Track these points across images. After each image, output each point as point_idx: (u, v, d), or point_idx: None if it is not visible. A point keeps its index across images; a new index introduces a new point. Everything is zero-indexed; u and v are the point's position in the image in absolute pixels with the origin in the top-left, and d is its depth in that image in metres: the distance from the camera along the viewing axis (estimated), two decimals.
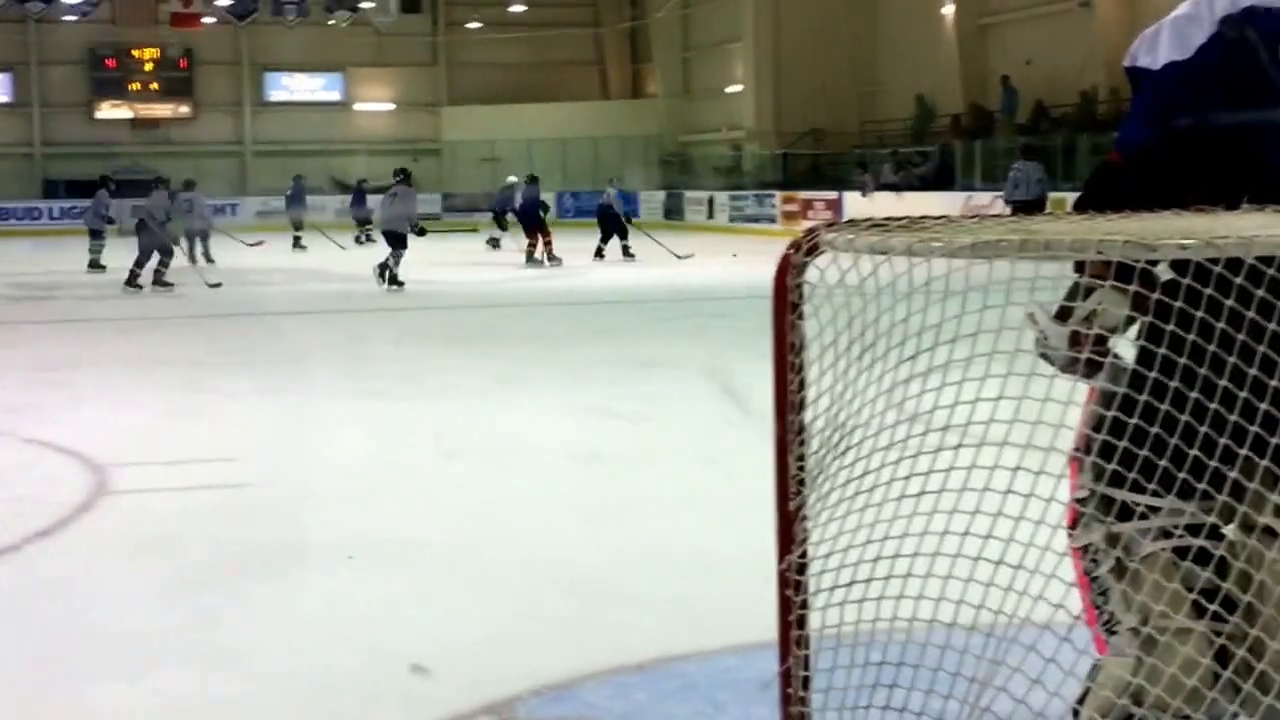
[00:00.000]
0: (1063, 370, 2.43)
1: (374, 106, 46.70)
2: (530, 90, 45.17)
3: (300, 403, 9.78)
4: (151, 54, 44.42)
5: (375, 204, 33.20)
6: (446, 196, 41.99)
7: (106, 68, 44.20)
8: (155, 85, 44.81)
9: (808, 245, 2.48)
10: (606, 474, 7.35)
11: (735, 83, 39.85)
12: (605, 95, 47.55)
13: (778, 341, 2.56)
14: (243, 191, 42.69)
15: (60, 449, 7.89)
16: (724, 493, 6.61)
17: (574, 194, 39.10)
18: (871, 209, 26.55)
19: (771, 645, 2.67)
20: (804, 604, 2.60)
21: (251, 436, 8.48)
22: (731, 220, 35.51)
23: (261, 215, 39.69)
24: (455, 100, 46.69)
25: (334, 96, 46.55)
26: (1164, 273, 2.35)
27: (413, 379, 10.88)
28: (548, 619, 4.84)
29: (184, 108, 45.13)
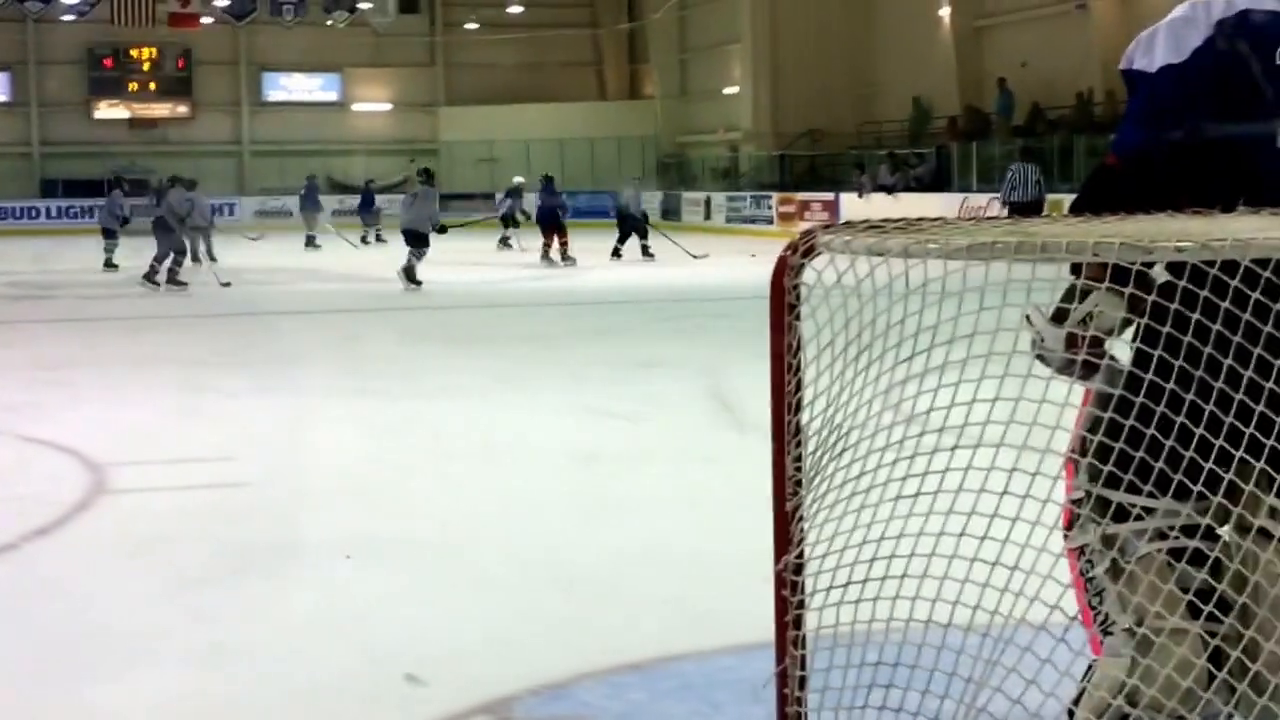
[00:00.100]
0: (1059, 372, 2.44)
1: (372, 107, 46.71)
2: (528, 91, 45.19)
3: (299, 402, 9.77)
4: (150, 54, 44.43)
5: (382, 204, 33.58)
6: (443, 197, 41.91)
7: (104, 67, 44.21)
8: (153, 85, 44.83)
9: (805, 247, 2.49)
10: (605, 474, 7.35)
11: (732, 84, 39.84)
12: (603, 96, 47.55)
13: (775, 343, 2.57)
14: (241, 191, 42.73)
15: (59, 448, 7.89)
16: (723, 493, 6.61)
17: (570, 194, 39.05)
18: (868, 210, 26.57)
19: (769, 645, 2.67)
20: (801, 604, 2.61)
21: (250, 436, 8.47)
22: (728, 221, 35.51)
23: (260, 215, 39.78)
24: (453, 101, 46.70)
25: (332, 97, 46.57)
26: (1160, 275, 2.36)
27: (412, 378, 10.88)
28: (545, 618, 4.84)
29: (182, 107, 45.15)
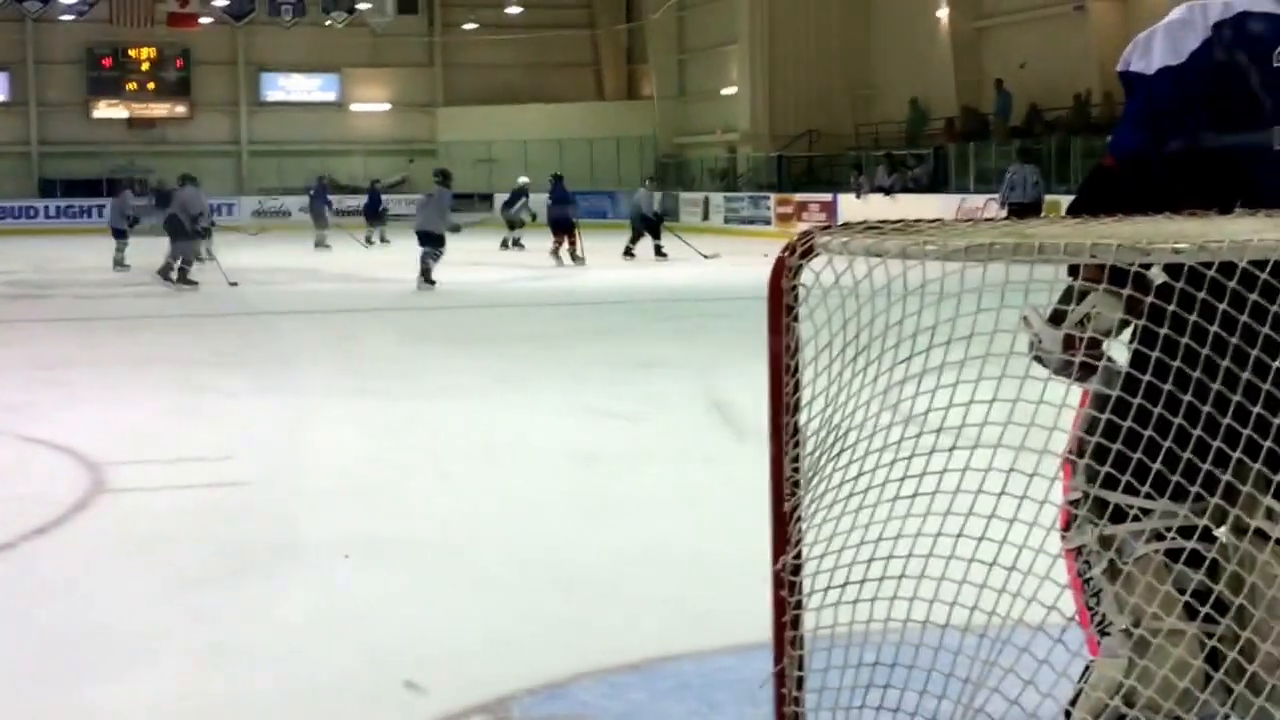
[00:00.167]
0: (1056, 373, 2.44)
1: (370, 107, 46.72)
2: (526, 91, 45.21)
3: (299, 402, 9.76)
4: (148, 54, 44.47)
5: (388, 204, 33.61)
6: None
7: (103, 67, 44.25)
8: (152, 85, 44.86)
9: (803, 248, 2.49)
10: (605, 474, 7.36)
11: (730, 85, 39.85)
12: (601, 97, 47.57)
13: (773, 344, 2.58)
14: (239, 191, 42.73)
15: (57, 447, 7.89)
16: (722, 493, 6.62)
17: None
18: (866, 211, 26.58)
19: (768, 645, 2.68)
20: (799, 604, 2.61)
21: (249, 435, 8.47)
22: (726, 222, 35.51)
23: (258, 215, 39.79)
24: (451, 101, 46.71)
25: (330, 97, 46.59)
26: (1158, 276, 2.37)
27: (412, 378, 10.87)
28: (544, 618, 4.84)
29: (180, 107, 45.17)
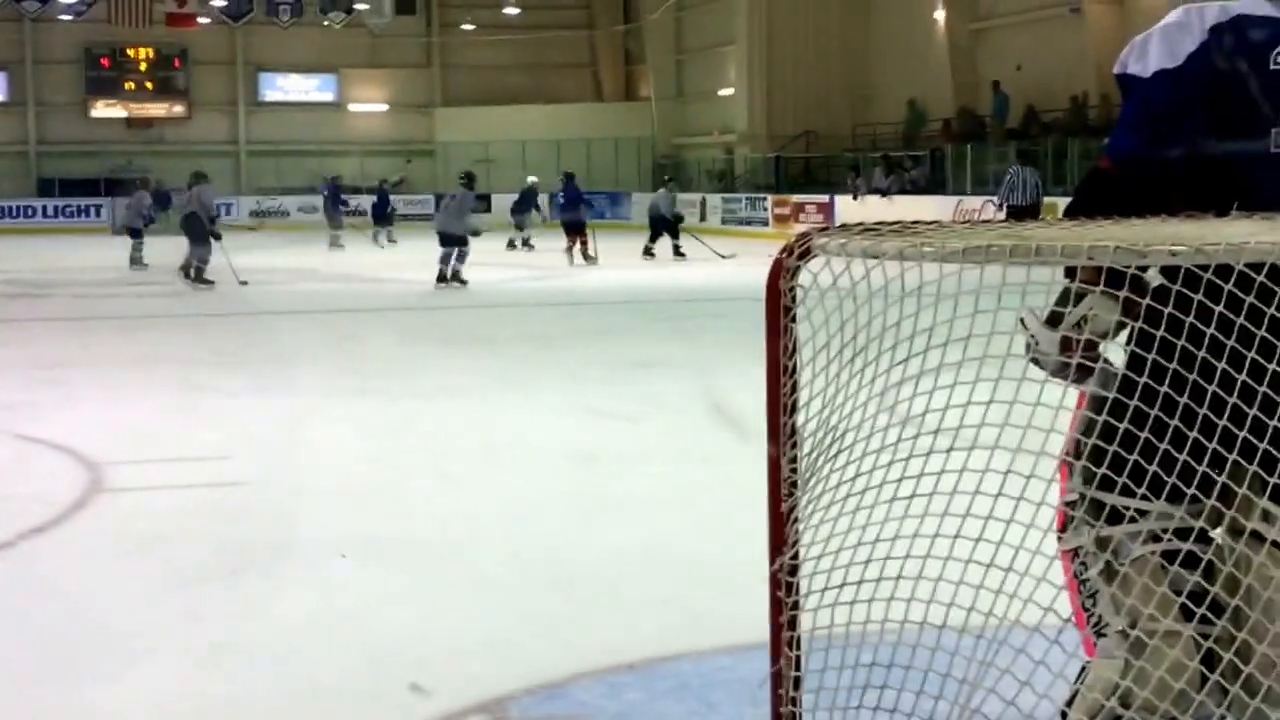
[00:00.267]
0: (1053, 375, 2.45)
1: (368, 107, 46.70)
2: (524, 92, 45.20)
3: (298, 402, 9.75)
4: (146, 53, 44.45)
5: (395, 204, 33.62)
6: (440, 198, 41.91)
7: (102, 67, 44.23)
8: (150, 85, 44.84)
9: (800, 249, 2.50)
10: (605, 474, 7.36)
11: (728, 86, 39.84)
12: (598, 97, 47.55)
13: (771, 345, 2.59)
14: (237, 191, 42.71)
15: (56, 446, 7.89)
16: (722, 493, 6.62)
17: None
18: (863, 213, 26.58)
19: (766, 646, 2.69)
20: (795, 605, 2.62)
21: (249, 435, 8.47)
22: (724, 223, 35.49)
23: (256, 215, 39.78)
24: (449, 101, 46.70)
25: (328, 97, 46.57)
26: (1154, 279, 2.38)
27: (411, 379, 10.87)
28: (542, 618, 4.85)
29: (179, 107, 45.16)
